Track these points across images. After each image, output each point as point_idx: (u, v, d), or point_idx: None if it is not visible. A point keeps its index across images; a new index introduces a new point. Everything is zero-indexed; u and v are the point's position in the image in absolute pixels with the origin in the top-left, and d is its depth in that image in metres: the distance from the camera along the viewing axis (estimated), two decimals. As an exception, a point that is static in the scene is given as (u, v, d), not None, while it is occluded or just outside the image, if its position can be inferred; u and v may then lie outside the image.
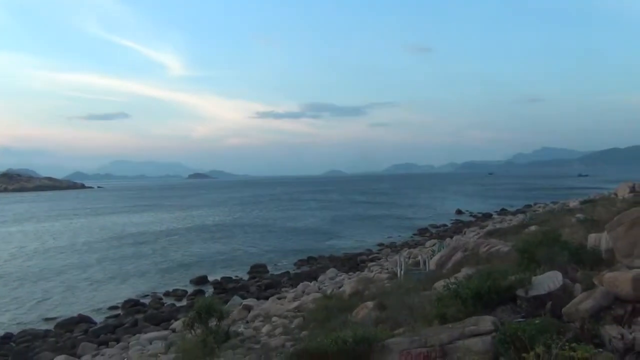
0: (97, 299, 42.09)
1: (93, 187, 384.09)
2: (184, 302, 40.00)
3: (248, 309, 32.29)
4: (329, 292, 33.36)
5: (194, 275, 49.32)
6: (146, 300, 41.08)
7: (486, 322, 12.58)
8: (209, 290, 44.04)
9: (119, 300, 41.08)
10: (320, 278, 43.66)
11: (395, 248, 60.65)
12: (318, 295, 32.52)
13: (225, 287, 44.50)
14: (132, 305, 39.15)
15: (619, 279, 13.26)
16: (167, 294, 43.44)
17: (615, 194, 58.33)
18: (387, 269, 40.41)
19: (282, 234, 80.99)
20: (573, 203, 70.44)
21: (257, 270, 51.53)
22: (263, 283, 45.06)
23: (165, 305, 39.79)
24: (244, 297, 38.16)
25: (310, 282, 42.09)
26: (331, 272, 45.97)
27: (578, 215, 34.82)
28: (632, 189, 67.00)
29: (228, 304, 33.98)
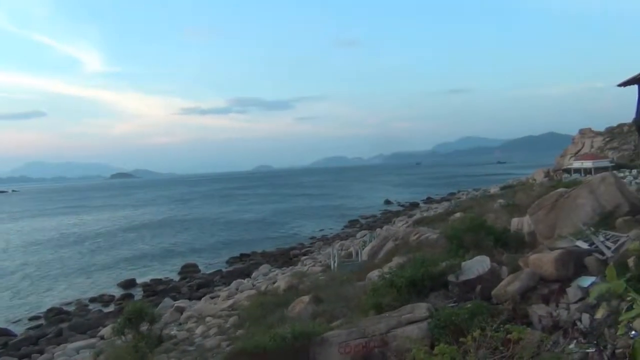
0: (16, 309, 39.69)
1: (7, 191, 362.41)
2: (111, 308, 38.46)
3: (180, 310, 31.48)
4: (263, 288, 33.12)
5: (122, 279, 47.56)
6: (70, 308, 39.18)
7: (421, 309, 12.84)
8: (138, 294, 42.62)
9: (41, 309, 38.93)
10: (254, 274, 43.29)
11: (327, 241, 61.15)
12: (252, 292, 32.22)
13: (155, 290, 43.19)
14: (55, 314, 37.18)
15: (542, 260, 13.92)
16: (93, 299, 41.59)
17: (534, 179, 61.65)
18: (321, 262, 40.68)
19: (213, 232, 79.68)
20: (494, 189, 73.71)
21: (188, 270, 50.40)
22: (195, 283, 44.13)
23: (91, 311, 38.09)
24: (175, 299, 37.18)
25: (244, 279, 41.65)
26: (264, 268, 45.68)
27: (500, 200, 36.42)
28: (547, 174, 71.15)
29: (159, 306, 32.99)
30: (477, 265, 14.94)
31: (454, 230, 20.44)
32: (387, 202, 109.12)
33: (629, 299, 2.50)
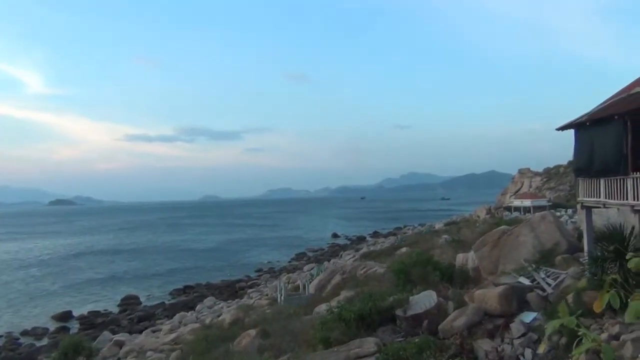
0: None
1: None
2: (44, 341, 36.46)
3: (119, 344, 30.20)
4: (208, 321, 32.31)
5: (57, 311, 45.20)
6: (0, 342, 36.86)
7: (369, 343, 12.88)
8: (75, 327, 40.65)
9: (-36, 345, 36.36)
10: (198, 307, 42.22)
11: (274, 273, 60.55)
12: (196, 325, 31.34)
13: (94, 322, 41.34)
14: (-19, 350, 34.86)
15: (487, 296, 14.30)
16: (24, 333, 39.28)
17: (477, 216, 63.57)
18: (267, 295, 40.14)
19: (156, 262, 77.37)
20: (439, 225, 75.39)
21: (129, 302, 48.60)
22: (135, 316, 42.57)
23: (22, 345, 35.95)
24: (114, 332, 35.68)
25: (188, 312, 40.56)
26: (209, 300, 44.67)
27: (445, 236, 37.31)
28: (489, 211, 73.51)
29: (97, 340, 31.59)
30: (424, 300, 15.17)
31: (401, 264, 20.72)
32: (335, 235, 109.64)
33: (580, 334, 2.63)
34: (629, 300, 2.83)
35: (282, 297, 29.64)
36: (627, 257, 3.10)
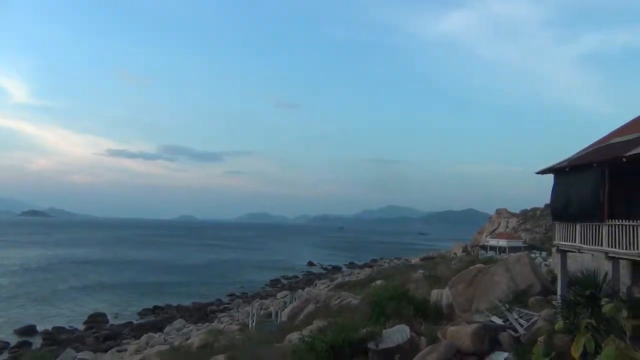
0: None
1: None
2: (5, 356, 35.31)
3: (83, 363, 29.38)
4: (176, 344, 31.62)
5: (19, 325, 43.82)
6: (-46, 357, 35.62)
7: (340, 375, 12.74)
8: (37, 342, 39.43)
9: None
10: (167, 329, 41.37)
11: (247, 298, 59.80)
12: (164, 347, 30.65)
13: (57, 339, 40.16)
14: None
15: (460, 333, 14.30)
16: (-17, 346, 37.99)
17: (455, 253, 63.99)
18: (239, 320, 39.61)
19: (128, 280, 75.86)
20: (415, 259, 75.62)
21: (96, 319, 47.38)
22: (102, 334, 41.50)
23: (-20, 359, 34.78)
24: (78, 350, 34.71)
25: (156, 333, 39.69)
26: (179, 322, 43.85)
27: (421, 271, 37.34)
28: (465, 249, 73.97)
29: (59, 358, 30.70)
30: (397, 334, 15.10)
31: (376, 297, 20.64)
32: (310, 263, 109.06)
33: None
34: (602, 344, 2.85)
35: (254, 323, 29.26)
36: (602, 303, 3.11)
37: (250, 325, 30.16)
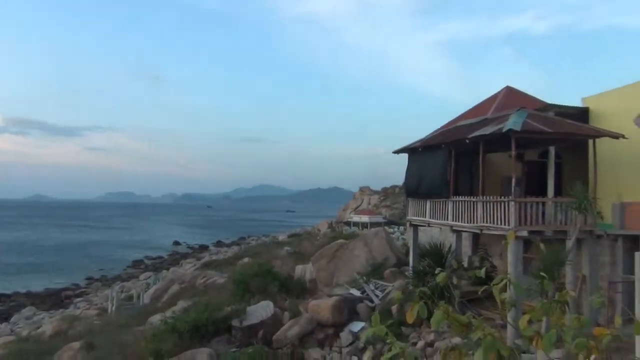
0: None
1: None
2: None
3: None
4: (24, 334, 29.19)
5: None
6: None
7: (202, 354, 12.68)
8: None
9: None
10: (14, 318, 37.97)
11: (106, 282, 56.71)
12: (11, 338, 28.16)
13: None
14: None
15: (320, 306, 14.90)
16: None
17: (319, 229, 66.06)
18: (97, 305, 37.53)
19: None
20: (282, 236, 76.65)
21: None
22: None
23: None
24: None
25: (1, 323, 36.29)
26: (28, 310, 40.43)
27: (287, 247, 38.07)
28: (330, 225, 76.67)
29: None
30: (261, 310, 15.34)
31: (241, 275, 20.74)
32: (176, 243, 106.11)
33: (388, 341, 2.84)
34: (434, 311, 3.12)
35: (114, 307, 28.00)
36: (436, 272, 3.43)
37: (109, 310, 28.81)
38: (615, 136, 13.82)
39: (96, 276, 62.67)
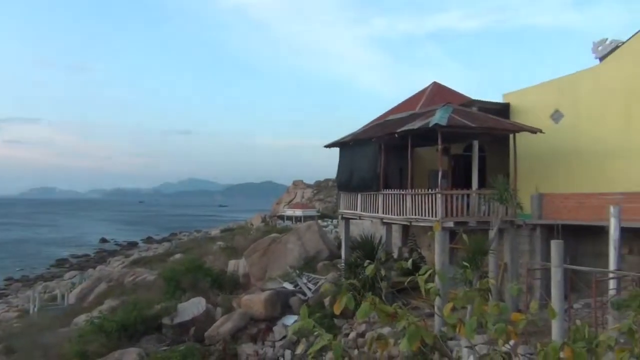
0: None
1: None
2: None
3: None
4: None
5: None
6: None
7: (131, 354, 12.32)
8: None
9: None
10: None
11: (28, 282, 53.88)
12: None
13: None
14: None
15: (253, 301, 14.83)
16: None
17: (252, 224, 65.57)
18: (17, 307, 35.60)
19: None
20: (214, 231, 75.55)
21: None
22: None
23: None
24: None
25: None
26: (-64, 316, 37.81)
27: (219, 242, 37.59)
28: (264, 219, 76.28)
29: None
30: (193, 307, 15.09)
31: (172, 271, 20.33)
32: (103, 240, 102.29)
33: (316, 334, 2.86)
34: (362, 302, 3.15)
35: (36, 309, 26.68)
36: (365, 265, 3.49)
37: (31, 311, 27.44)
38: (534, 131, 14.56)
39: (16, 276, 59.44)
